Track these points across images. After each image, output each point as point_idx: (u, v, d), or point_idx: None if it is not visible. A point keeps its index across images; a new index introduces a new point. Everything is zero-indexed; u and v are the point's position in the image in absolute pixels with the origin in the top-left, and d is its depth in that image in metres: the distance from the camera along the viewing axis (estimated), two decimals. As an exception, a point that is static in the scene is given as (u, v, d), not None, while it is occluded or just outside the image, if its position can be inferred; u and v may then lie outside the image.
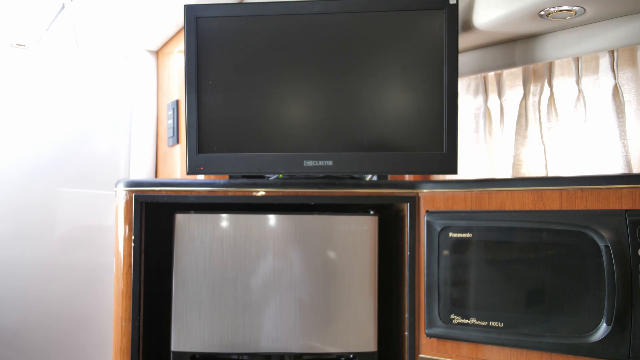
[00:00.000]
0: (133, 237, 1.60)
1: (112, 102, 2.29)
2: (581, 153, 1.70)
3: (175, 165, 2.06)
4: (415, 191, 1.59)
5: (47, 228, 2.09)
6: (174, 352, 1.59)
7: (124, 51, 2.31)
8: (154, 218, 1.73)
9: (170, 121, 2.10)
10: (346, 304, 1.61)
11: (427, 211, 1.56)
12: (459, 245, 1.49)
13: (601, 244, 1.27)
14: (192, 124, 1.57)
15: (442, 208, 1.54)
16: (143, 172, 2.23)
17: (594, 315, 1.29)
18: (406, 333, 1.60)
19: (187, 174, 1.58)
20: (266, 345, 1.60)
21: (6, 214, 2.00)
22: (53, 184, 2.12)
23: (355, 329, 1.62)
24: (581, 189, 1.33)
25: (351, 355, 1.62)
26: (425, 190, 1.58)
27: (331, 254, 1.61)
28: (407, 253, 1.60)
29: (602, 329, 1.27)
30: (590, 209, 1.31)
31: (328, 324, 1.61)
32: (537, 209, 1.39)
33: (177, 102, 2.07)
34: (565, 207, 1.35)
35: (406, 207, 1.61)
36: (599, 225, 1.28)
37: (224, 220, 1.60)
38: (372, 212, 1.64)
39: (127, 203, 1.61)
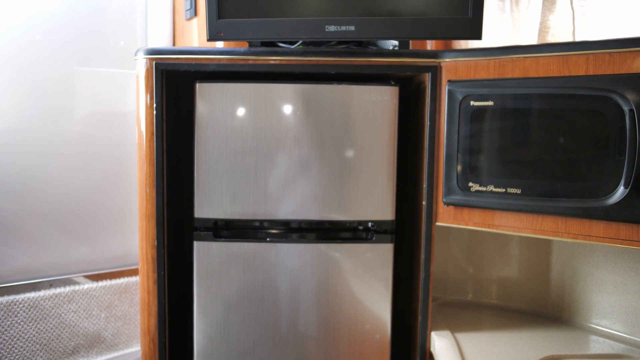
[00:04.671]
0: (155, 105, 1.61)
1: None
2: (612, 18, 1.64)
3: (193, 40, 2.03)
4: (437, 60, 1.57)
5: (66, 110, 2.10)
6: (197, 219, 1.65)
7: None
8: (172, 94, 1.73)
9: (188, -8, 2.04)
10: (365, 174, 1.64)
11: (448, 81, 1.54)
12: (480, 114, 1.49)
13: (625, 108, 1.26)
14: (212, -13, 1.53)
15: (464, 77, 1.53)
16: (161, 45, 2.20)
17: (612, 179, 1.30)
18: (424, 202, 1.63)
19: (208, 40, 1.55)
20: (286, 213, 1.65)
21: (22, 100, 2.00)
22: (69, 63, 2.10)
23: (374, 199, 1.65)
24: (609, 52, 1.30)
25: (369, 224, 1.67)
26: (447, 60, 1.55)
27: (351, 124, 1.62)
28: (427, 123, 1.60)
29: (619, 192, 1.29)
30: (617, 73, 1.29)
31: (347, 193, 1.64)
32: (562, 75, 1.37)
33: (194, -28, 2.00)
34: (591, 72, 1.33)
35: (427, 78, 1.59)
36: (625, 88, 1.26)
37: (245, 89, 1.60)
38: (392, 83, 1.63)
39: (148, 71, 1.60)
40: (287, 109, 1.61)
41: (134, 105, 1.68)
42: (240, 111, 1.61)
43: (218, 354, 1.67)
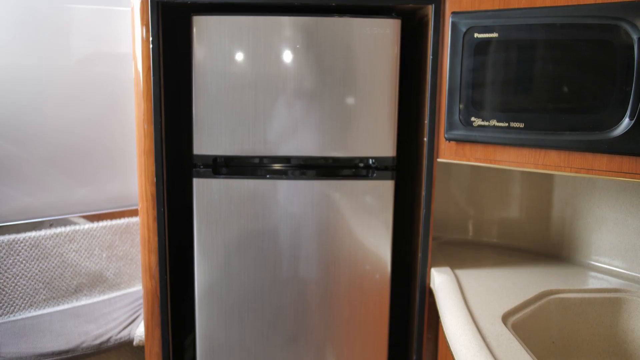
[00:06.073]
0: (151, 39, 1.57)
1: None
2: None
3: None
4: (441, -9, 1.53)
5: (61, 47, 2.05)
6: (196, 155, 1.63)
7: None
8: (169, 30, 1.69)
9: None
10: (366, 110, 1.61)
11: (452, 12, 1.50)
12: (484, 47, 1.45)
13: (634, 36, 1.22)
14: None
15: (469, 8, 1.48)
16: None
17: (617, 111, 1.27)
18: (425, 139, 1.61)
19: (204, -31, 1.51)
20: (286, 150, 1.63)
21: (16, 37, 1.95)
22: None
23: (375, 135, 1.63)
24: (620, -22, 1.25)
25: (370, 161, 1.65)
26: (451, -10, 1.51)
27: (352, 59, 1.58)
28: (429, 57, 1.57)
29: (624, 124, 1.26)
30: (628, 0, 1.24)
31: (347, 129, 1.62)
32: (569, 3, 1.32)
33: None
34: (600, 0, 1.28)
35: (431, 10, 1.55)
36: (635, 16, 1.22)
37: (243, 22, 1.56)
38: (394, 16, 1.59)
39: (143, 3, 1.56)
40: (287, 42, 1.57)
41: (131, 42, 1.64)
42: (239, 45, 1.57)
43: (219, 288, 1.69)
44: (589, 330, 1.49)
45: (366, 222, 1.68)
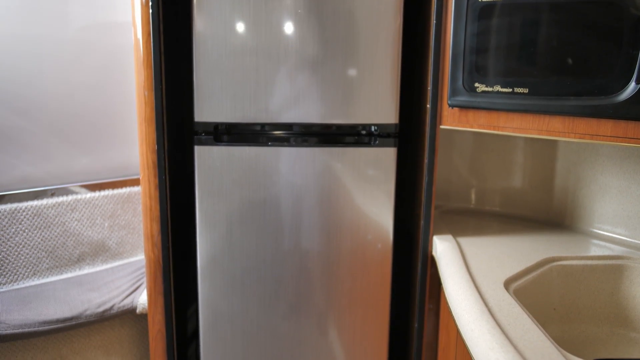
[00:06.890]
0: (150, 4, 1.55)
1: None
2: None
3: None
4: (445, -46, 1.50)
5: (60, 13, 2.03)
6: (197, 123, 1.62)
7: None
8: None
9: None
10: (369, 76, 1.60)
11: (457, -24, 1.47)
12: (489, 10, 1.43)
13: (642, -3, 1.20)
14: None
15: (474, -29, 1.45)
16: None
17: (623, 75, 1.25)
18: (428, 105, 1.60)
19: None
20: (288, 117, 1.62)
21: (14, 2, 1.93)
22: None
23: (377, 102, 1.62)
24: (628, -61, 1.22)
25: (373, 128, 1.64)
26: (456, -47, 1.48)
27: (354, 24, 1.56)
28: (433, 22, 1.54)
29: (630, 88, 1.24)
30: (635, -40, 1.22)
31: (350, 96, 1.61)
32: (576, -35, 1.30)
33: None
34: (607, -39, 1.26)
35: (435, -27, 1.52)
36: (643, -24, 1.20)
37: (243, -14, 1.54)
38: (398, -20, 1.56)
39: (142, -33, 1.53)
40: (289, 6, 1.55)
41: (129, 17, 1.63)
42: (239, 10, 1.55)
43: (222, 258, 1.69)
44: (590, 297, 1.49)
45: (368, 190, 1.67)
